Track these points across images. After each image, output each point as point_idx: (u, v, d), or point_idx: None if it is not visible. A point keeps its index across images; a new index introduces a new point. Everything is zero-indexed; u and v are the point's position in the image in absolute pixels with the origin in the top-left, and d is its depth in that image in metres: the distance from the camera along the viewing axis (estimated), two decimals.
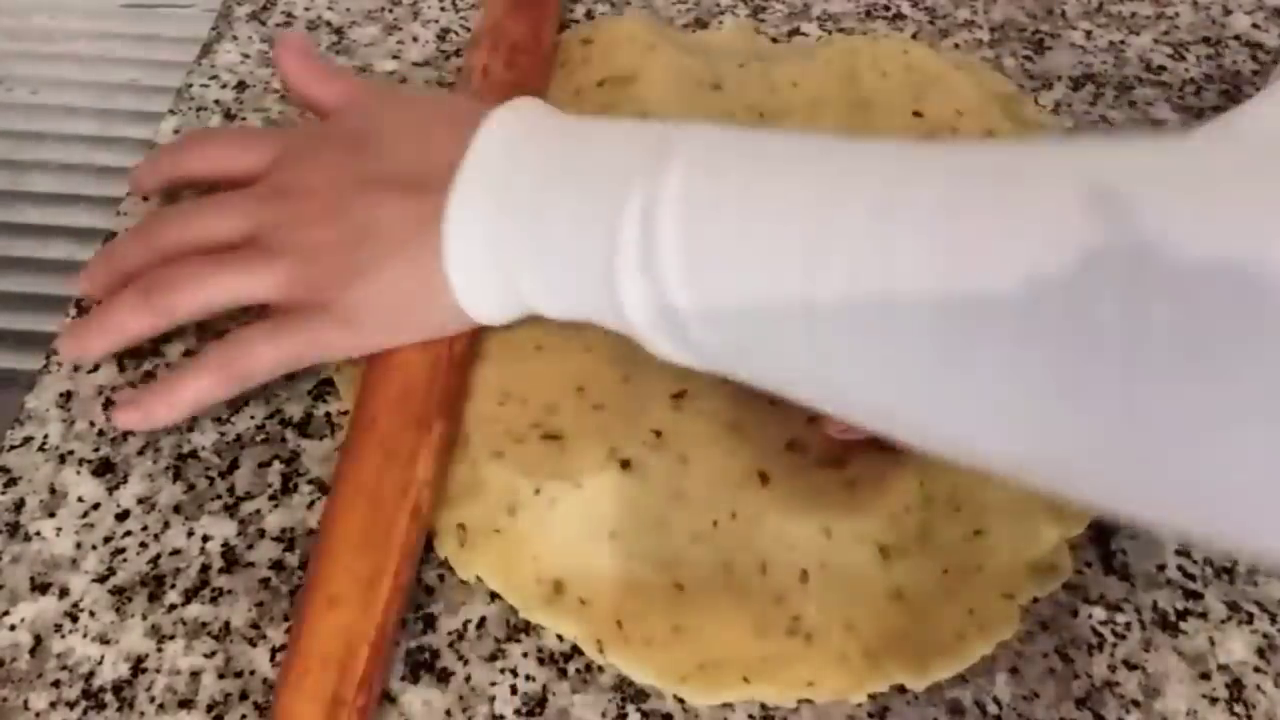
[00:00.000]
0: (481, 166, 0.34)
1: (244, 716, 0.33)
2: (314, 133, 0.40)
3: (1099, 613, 0.36)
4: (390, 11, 0.55)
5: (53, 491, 0.37)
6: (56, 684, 0.33)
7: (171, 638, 0.34)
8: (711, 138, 0.32)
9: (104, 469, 0.38)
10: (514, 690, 0.33)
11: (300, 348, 0.36)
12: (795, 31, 0.53)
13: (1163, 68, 0.53)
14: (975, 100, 0.47)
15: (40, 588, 0.35)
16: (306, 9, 0.55)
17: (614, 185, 0.31)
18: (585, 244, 0.32)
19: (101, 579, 0.35)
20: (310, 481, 0.38)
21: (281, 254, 0.36)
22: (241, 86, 0.51)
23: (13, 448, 0.38)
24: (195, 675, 0.33)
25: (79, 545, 0.36)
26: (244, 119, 0.49)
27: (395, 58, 0.52)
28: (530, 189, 0.33)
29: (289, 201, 0.37)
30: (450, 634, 0.35)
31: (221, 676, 0.33)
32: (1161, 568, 0.37)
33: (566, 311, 0.35)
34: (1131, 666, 0.35)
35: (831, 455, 0.37)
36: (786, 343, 0.29)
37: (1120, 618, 0.36)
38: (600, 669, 0.34)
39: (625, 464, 0.36)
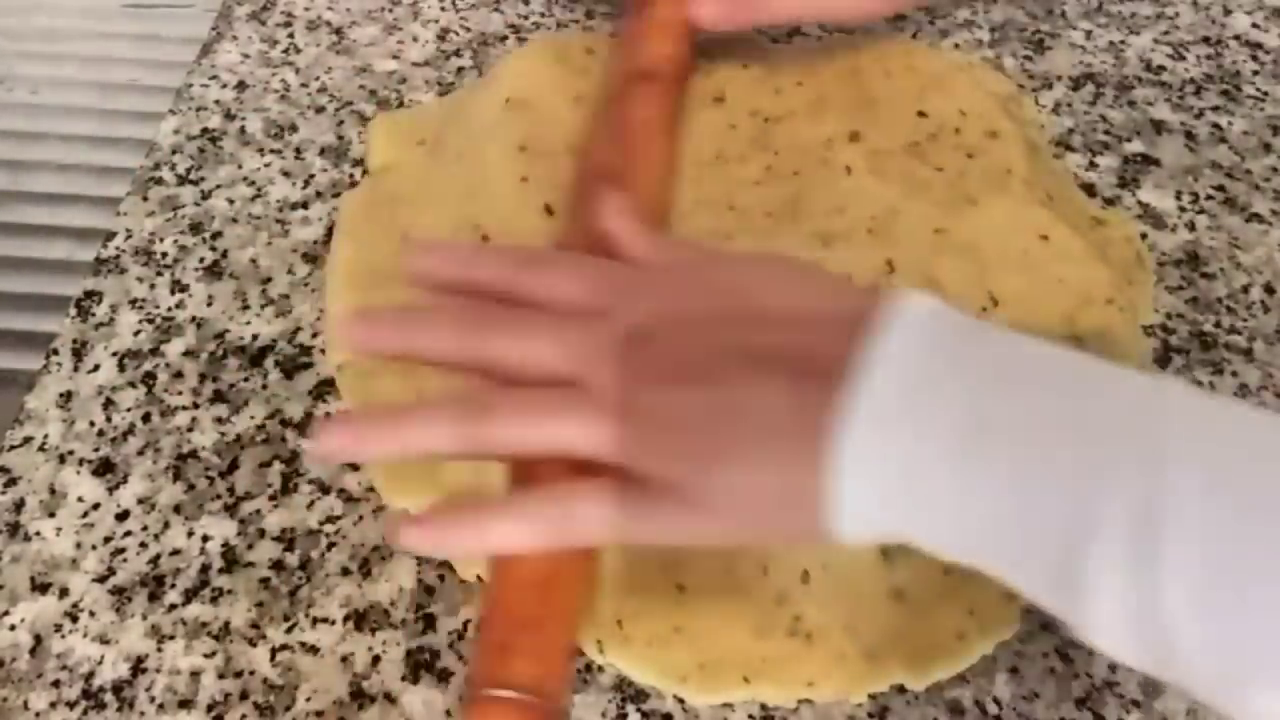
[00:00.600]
0: (890, 363, 0.28)
1: (244, 716, 0.33)
2: (661, 280, 0.34)
3: None
4: (390, 11, 0.55)
5: (53, 491, 0.37)
6: (56, 684, 0.33)
7: (171, 638, 0.34)
8: (1204, 423, 0.27)
9: (104, 469, 0.38)
10: None
11: (638, 524, 0.31)
12: (795, 32, 0.53)
13: (1163, 68, 0.53)
14: (977, 101, 0.47)
15: (40, 588, 0.35)
16: (306, 9, 0.55)
17: (1088, 450, 0.26)
18: (1036, 508, 0.27)
19: (101, 579, 0.35)
20: (310, 481, 0.38)
21: (619, 411, 0.30)
22: (241, 86, 0.51)
23: (13, 448, 0.38)
24: (195, 675, 0.33)
25: (79, 545, 0.36)
26: (243, 119, 0.49)
27: (395, 58, 0.52)
28: (962, 413, 0.27)
29: (641, 355, 0.31)
30: (450, 634, 0.35)
31: (221, 676, 0.33)
32: None
33: (973, 561, 0.29)
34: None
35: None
36: None
37: None
38: (600, 669, 0.34)
39: None
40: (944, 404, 0.27)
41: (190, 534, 0.36)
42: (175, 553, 0.36)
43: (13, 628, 0.34)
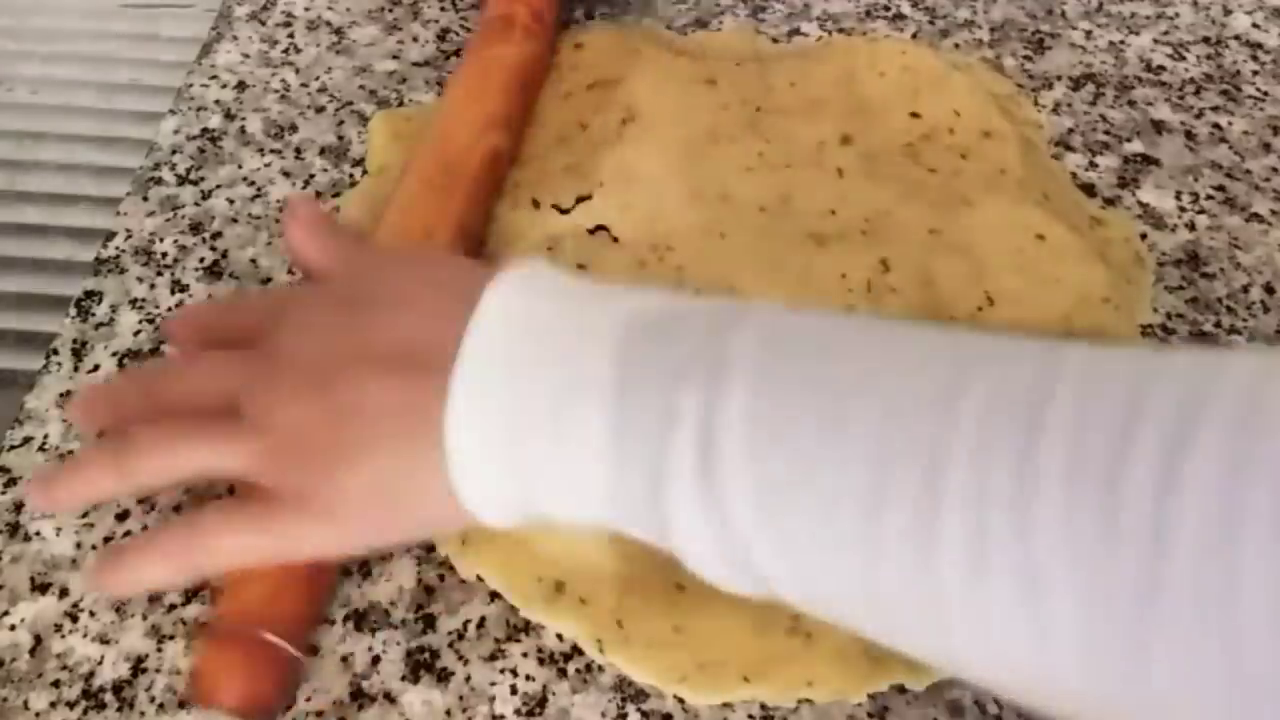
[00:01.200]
0: (489, 342, 0.30)
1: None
2: (310, 295, 0.36)
3: None
4: (390, 11, 0.55)
5: None
6: (56, 684, 0.33)
7: (171, 638, 0.34)
8: (768, 333, 0.28)
9: None
10: (514, 690, 0.33)
11: (269, 545, 0.32)
12: (795, 32, 0.53)
13: (1162, 68, 0.53)
14: (973, 100, 0.47)
15: (40, 588, 0.35)
16: (306, 9, 0.55)
17: (659, 385, 0.28)
18: (623, 450, 0.28)
19: None
20: None
21: (259, 429, 0.32)
22: (241, 86, 0.51)
23: (13, 448, 0.38)
24: None
25: (79, 545, 0.36)
26: (243, 119, 0.49)
27: (395, 58, 0.52)
28: (550, 374, 0.29)
29: (274, 371, 0.32)
30: (450, 634, 0.35)
31: None
32: None
33: (588, 519, 0.30)
34: None
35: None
36: (846, 579, 0.27)
37: None
38: (600, 669, 0.34)
39: None
40: (533, 365, 0.29)
41: None
42: None
43: (13, 628, 0.34)
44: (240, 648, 0.32)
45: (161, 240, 0.45)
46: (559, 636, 0.34)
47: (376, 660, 0.34)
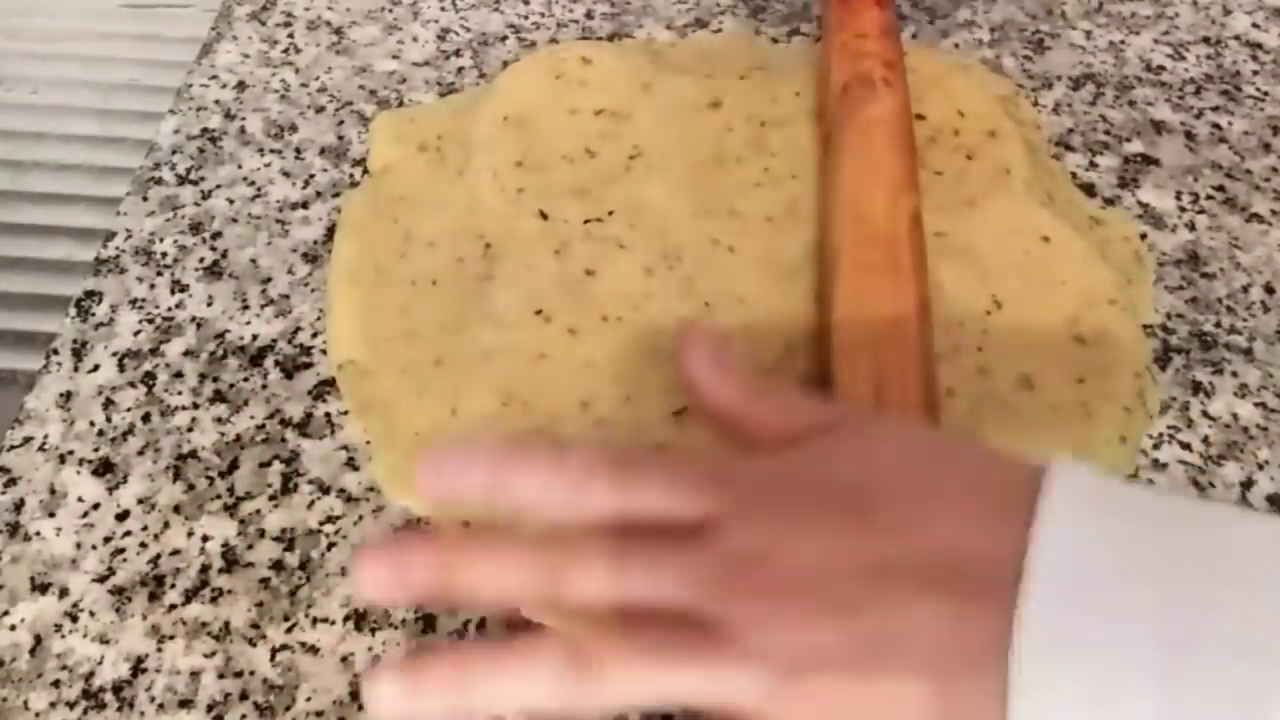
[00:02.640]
0: (1061, 565, 0.24)
1: (244, 716, 0.33)
2: (774, 480, 0.29)
3: None
4: (390, 11, 0.55)
5: (53, 491, 0.37)
6: (56, 684, 0.33)
7: (171, 638, 0.34)
8: None
9: (104, 469, 0.38)
10: None
11: None
12: (795, 32, 0.53)
13: (1162, 68, 0.53)
14: (976, 101, 0.47)
15: (40, 588, 0.35)
16: (306, 9, 0.55)
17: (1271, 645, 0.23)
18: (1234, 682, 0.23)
19: (101, 579, 0.35)
20: (310, 481, 0.38)
21: (757, 656, 0.26)
22: (241, 86, 0.51)
23: (13, 448, 0.38)
24: (195, 675, 0.33)
25: (79, 545, 0.36)
26: (243, 119, 0.49)
27: (395, 58, 0.52)
28: (1152, 626, 0.24)
29: (763, 583, 0.26)
30: (450, 634, 0.35)
31: (221, 676, 0.33)
32: None
33: None
34: None
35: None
36: None
37: None
38: None
39: None
40: (1130, 614, 0.24)
41: (190, 534, 0.36)
42: (175, 553, 0.36)
43: (13, 628, 0.34)
44: None
45: (161, 240, 0.45)
46: None
47: (377, 660, 0.34)
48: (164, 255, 0.44)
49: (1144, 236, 0.45)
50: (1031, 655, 0.24)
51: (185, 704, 0.33)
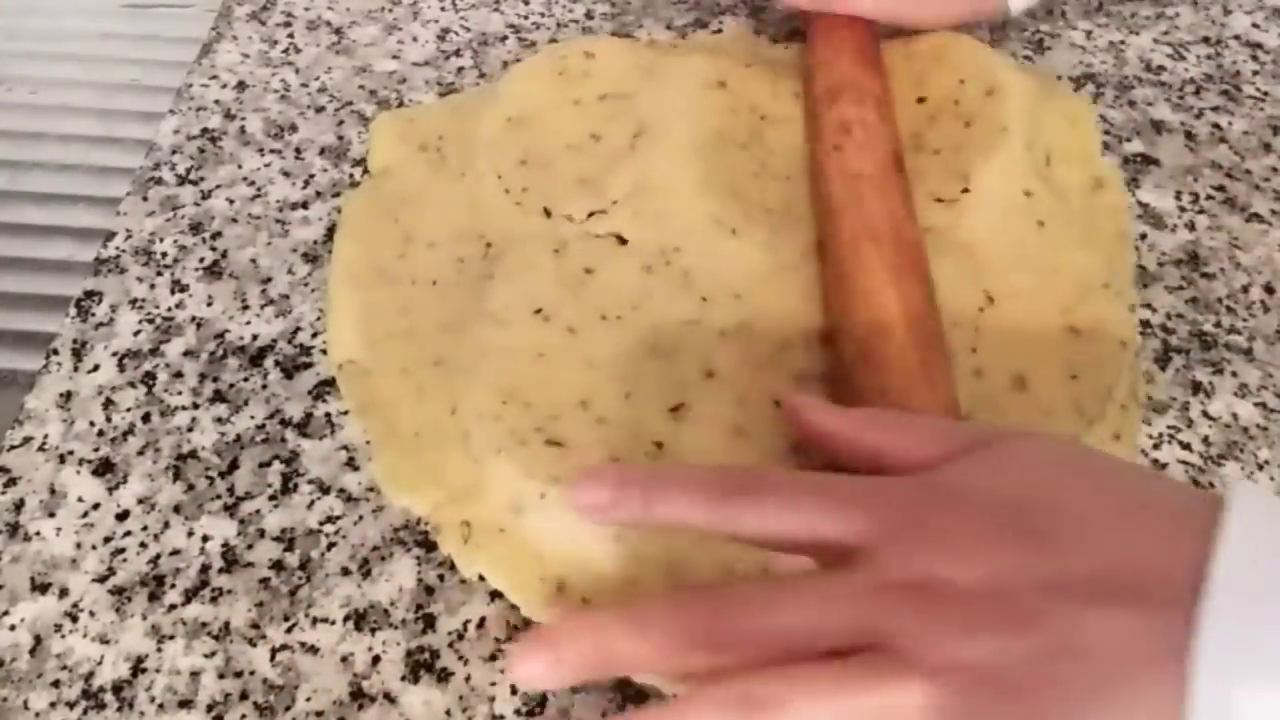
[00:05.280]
0: (1244, 574, 0.25)
1: (244, 716, 0.33)
2: (932, 499, 0.28)
3: None
4: (390, 11, 0.55)
5: (53, 491, 0.37)
6: (56, 684, 0.33)
7: (171, 638, 0.34)
8: None
9: (104, 469, 0.38)
10: (514, 690, 0.33)
11: None
12: (795, 33, 0.53)
13: (1162, 68, 0.53)
14: (977, 64, 0.47)
15: (40, 588, 0.35)
16: (306, 9, 0.55)
17: None
18: None
19: (101, 579, 0.35)
20: (310, 481, 0.38)
21: (943, 673, 0.25)
22: (241, 86, 0.51)
23: (13, 448, 0.38)
24: (195, 675, 0.33)
25: (79, 545, 0.36)
26: (243, 119, 0.49)
27: (395, 58, 0.52)
28: None
29: (936, 601, 0.26)
30: (450, 634, 0.35)
31: (221, 676, 0.33)
32: None
33: None
34: None
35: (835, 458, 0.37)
36: None
37: None
38: None
39: None
40: None
41: (190, 534, 0.36)
42: (175, 553, 0.36)
43: (13, 628, 0.34)
44: None
45: (161, 240, 0.45)
46: None
47: (376, 660, 0.34)
48: (164, 255, 0.44)
49: (1144, 236, 0.45)
50: (1209, 664, 0.24)
51: (185, 704, 0.33)
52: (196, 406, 0.39)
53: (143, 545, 0.36)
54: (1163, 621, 0.25)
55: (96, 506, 0.37)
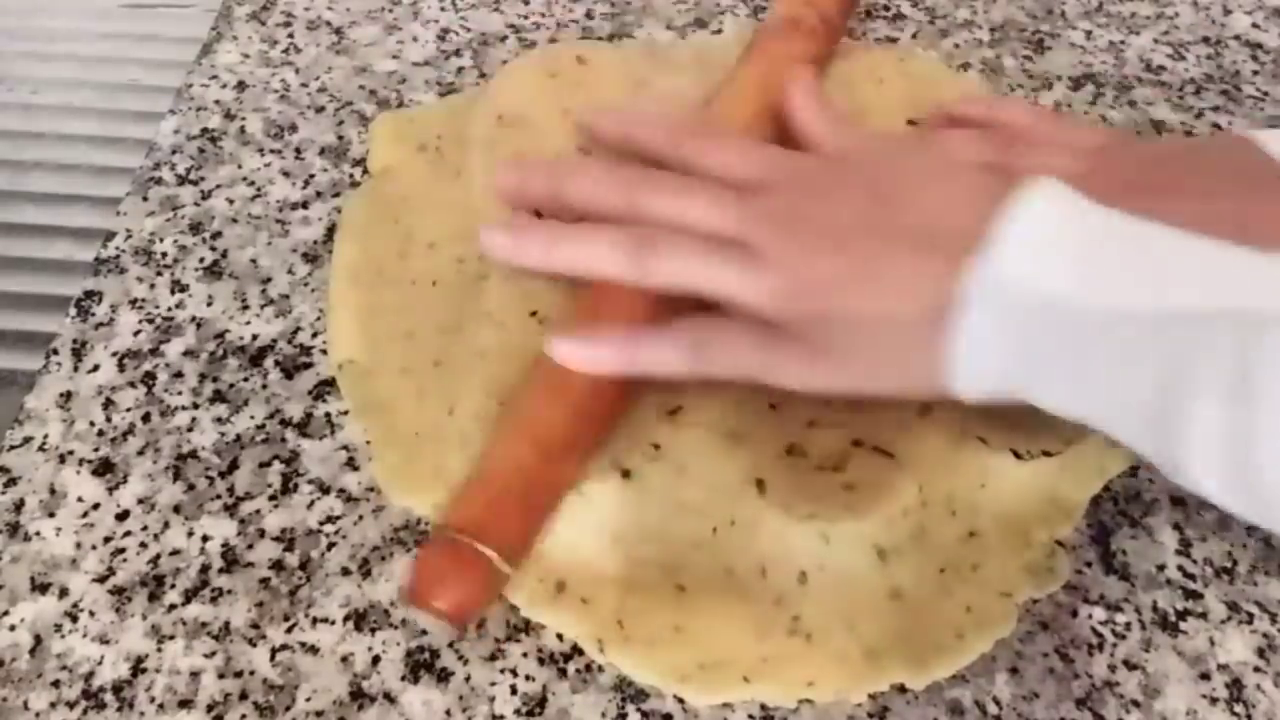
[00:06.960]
0: (1018, 238, 0.31)
1: (244, 716, 0.33)
2: (824, 167, 0.38)
3: (1099, 613, 0.36)
4: (390, 11, 0.55)
5: (53, 491, 0.37)
6: (56, 684, 0.33)
7: (171, 638, 0.34)
8: None
9: (104, 469, 0.38)
10: (514, 690, 0.33)
11: (758, 367, 0.35)
12: None
13: (1163, 68, 0.53)
14: (932, 74, 0.47)
15: (40, 588, 0.35)
16: (306, 9, 0.55)
17: (1189, 319, 0.29)
18: (1139, 355, 0.30)
19: (101, 579, 0.35)
20: (310, 481, 0.38)
21: (773, 269, 0.34)
22: (241, 86, 0.51)
23: (13, 448, 0.38)
24: (195, 675, 0.33)
25: (79, 545, 0.36)
26: (243, 119, 0.49)
27: (395, 58, 0.52)
28: (1077, 280, 0.30)
29: (794, 226, 0.35)
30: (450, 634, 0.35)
31: (221, 676, 0.33)
32: (1161, 568, 0.37)
33: (1079, 417, 0.32)
34: (1131, 666, 0.35)
35: (830, 459, 0.37)
36: None
37: (1120, 618, 0.36)
38: (600, 669, 0.34)
39: (626, 474, 0.36)
40: (1059, 270, 0.30)
41: (190, 534, 0.36)
42: (175, 553, 0.36)
43: (13, 628, 0.34)
44: (460, 557, 0.33)
45: (161, 240, 0.45)
46: (559, 636, 0.35)
47: (376, 660, 0.34)
48: (164, 255, 0.44)
49: None
50: (971, 298, 0.31)
51: (185, 704, 0.33)
52: (196, 406, 0.40)
53: (143, 545, 0.36)
54: (943, 265, 0.32)
55: (96, 506, 0.37)
